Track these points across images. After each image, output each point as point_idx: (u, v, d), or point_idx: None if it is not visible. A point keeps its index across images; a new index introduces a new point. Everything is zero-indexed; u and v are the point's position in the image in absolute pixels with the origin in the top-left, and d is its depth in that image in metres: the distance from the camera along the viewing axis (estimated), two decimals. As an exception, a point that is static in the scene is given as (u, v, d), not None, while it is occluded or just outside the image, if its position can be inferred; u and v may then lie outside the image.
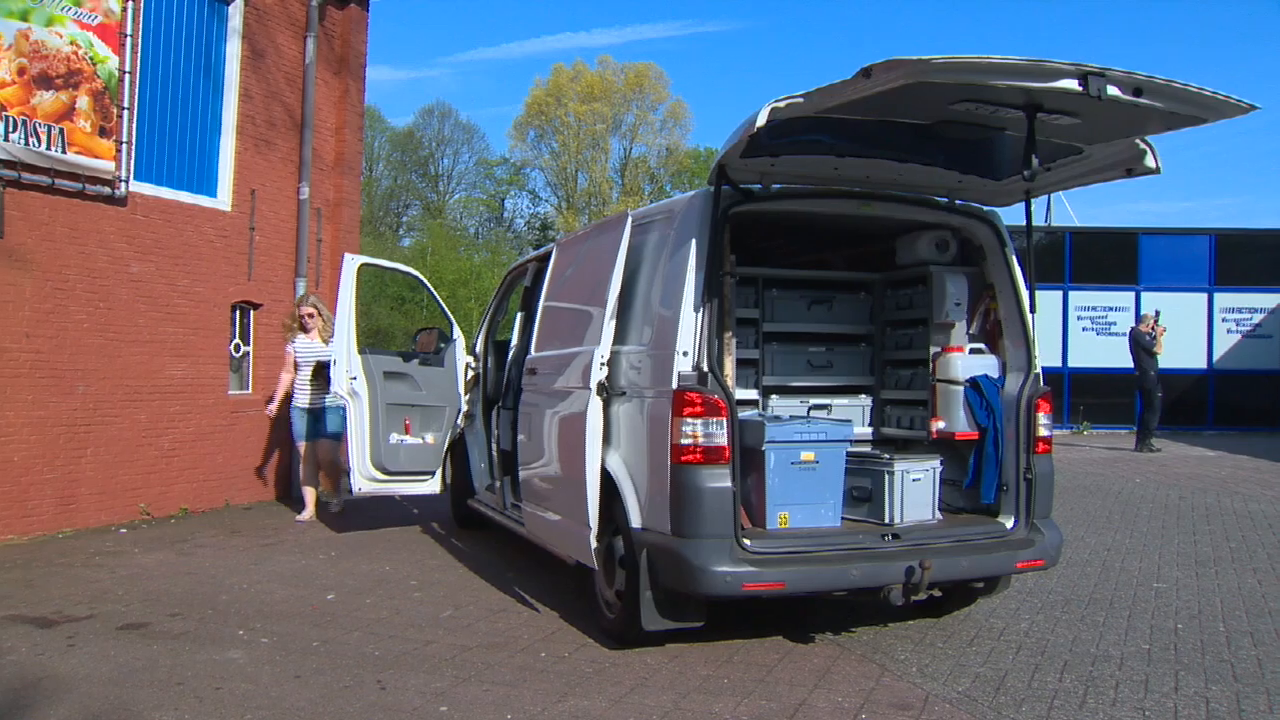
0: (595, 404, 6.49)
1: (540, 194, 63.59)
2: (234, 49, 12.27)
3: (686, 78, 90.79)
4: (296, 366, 11.33)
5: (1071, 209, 39.03)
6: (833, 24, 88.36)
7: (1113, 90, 5.20)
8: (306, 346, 11.29)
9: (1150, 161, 6.25)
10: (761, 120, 5.25)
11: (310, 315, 11.32)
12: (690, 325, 6.07)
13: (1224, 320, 23.63)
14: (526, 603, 7.71)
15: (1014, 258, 7.02)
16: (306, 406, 11.32)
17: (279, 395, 11.49)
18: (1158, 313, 19.97)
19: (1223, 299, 23.73)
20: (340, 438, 10.95)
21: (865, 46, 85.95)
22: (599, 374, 6.50)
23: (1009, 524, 6.72)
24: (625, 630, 6.47)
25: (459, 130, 65.34)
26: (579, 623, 7.10)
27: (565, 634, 6.90)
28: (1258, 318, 23.84)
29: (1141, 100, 5.31)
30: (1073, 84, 5.15)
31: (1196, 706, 5.63)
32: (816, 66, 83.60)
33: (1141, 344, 19.36)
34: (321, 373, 11.07)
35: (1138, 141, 6.16)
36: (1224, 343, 23.69)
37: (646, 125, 61.40)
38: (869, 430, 7.99)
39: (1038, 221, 28.61)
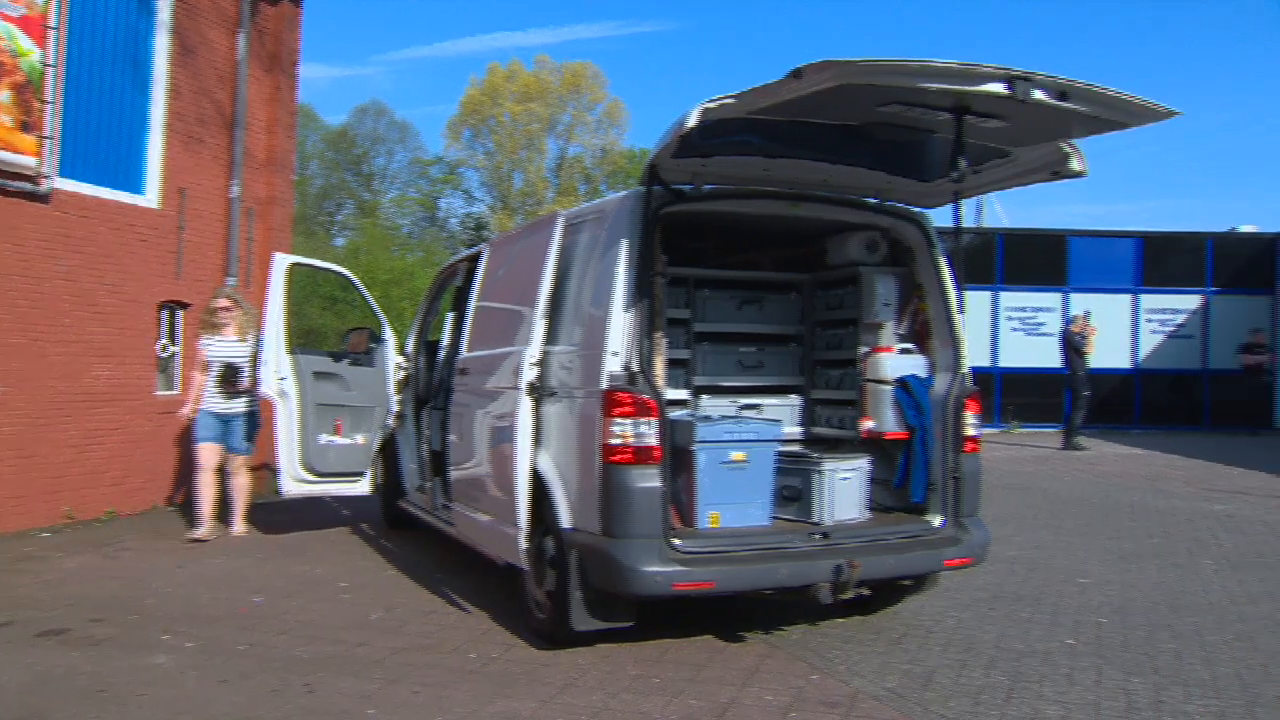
0: (526, 404, 6.48)
1: (475, 194, 63.23)
2: (163, 43, 12.08)
3: (624, 78, 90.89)
4: (207, 366, 10.36)
5: (1002, 211, 39.57)
6: (770, 24, 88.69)
7: (1038, 94, 5.30)
8: (220, 344, 10.40)
9: (1076, 164, 6.35)
10: (693, 121, 5.28)
11: (227, 308, 10.45)
12: (621, 325, 6.07)
13: (1149, 321, 24.02)
14: (457, 604, 7.67)
15: (942, 259, 7.07)
16: (218, 411, 10.37)
17: (192, 397, 10.49)
18: (1088, 313, 20.25)
19: (1148, 300, 24.14)
20: (250, 451, 10.60)
21: (801, 47, 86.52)
22: (530, 374, 6.49)
23: (937, 522, 6.78)
24: (555, 631, 6.46)
25: (393, 129, 64.94)
26: (509, 624, 7.06)
27: (495, 635, 6.87)
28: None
29: (1066, 104, 5.41)
30: (1000, 87, 5.23)
31: (1117, 699, 5.73)
32: (754, 66, 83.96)
33: (1073, 344, 19.64)
34: (234, 375, 10.30)
35: (1063, 145, 6.25)
36: (1149, 343, 24.09)
37: (583, 125, 61.30)
38: (799, 430, 8.04)
39: (969, 223, 29.04)
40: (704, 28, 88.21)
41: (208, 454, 10.34)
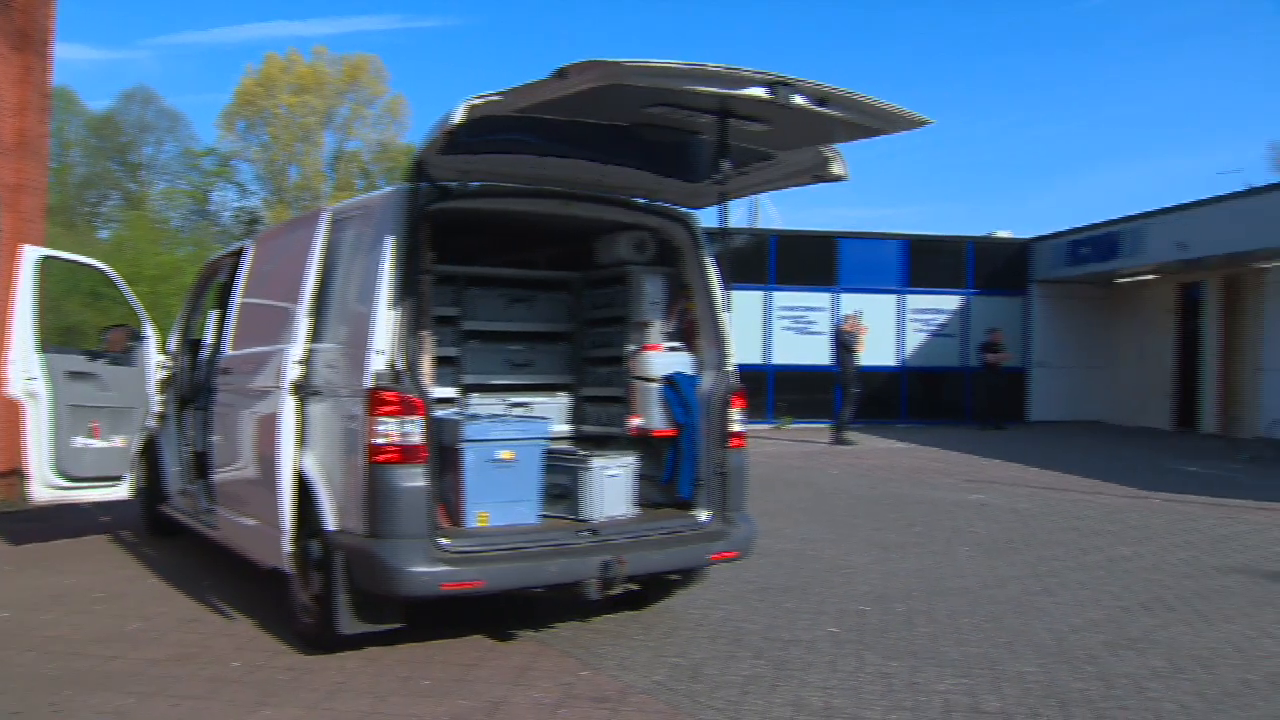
0: (290, 404, 6.34)
1: (249, 187, 61.28)
2: (-106, 18, 11.30)
3: (407, 72, 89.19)
4: None
5: (776, 212, 40.50)
6: (556, 22, 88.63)
7: (799, 99, 5.46)
8: None
9: (837, 168, 6.57)
10: (458, 117, 5.25)
11: None
12: (386, 323, 5.98)
13: (914, 320, 25.02)
14: (221, 611, 7.43)
15: (709, 259, 7.20)
16: None
17: None
18: (859, 313, 20.94)
19: (913, 300, 25.14)
20: None
21: (586, 45, 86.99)
22: (293, 373, 6.35)
23: (704, 518, 6.90)
24: (322, 635, 6.33)
25: (163, 117, 62.13)
26: (275, 630, 6.88)
27: (260, 642, 6.69)
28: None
29: (827, 110, 5.58)
30: (761, 91, 5.37)
31: (876, 682, 5.96)
32: (539, 64, 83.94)
33: (844, 342, 20.27)
34: None
35: (825, 149, 6.46)
36: (914, 341, 25.11)
37: (362, 119, 60.14)
38: (568, 428, 8.09)
39: (744, 224, 29.64)
40: (489, 24, 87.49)
41: None
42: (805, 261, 24.61)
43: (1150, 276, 23.76)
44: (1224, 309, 22.49)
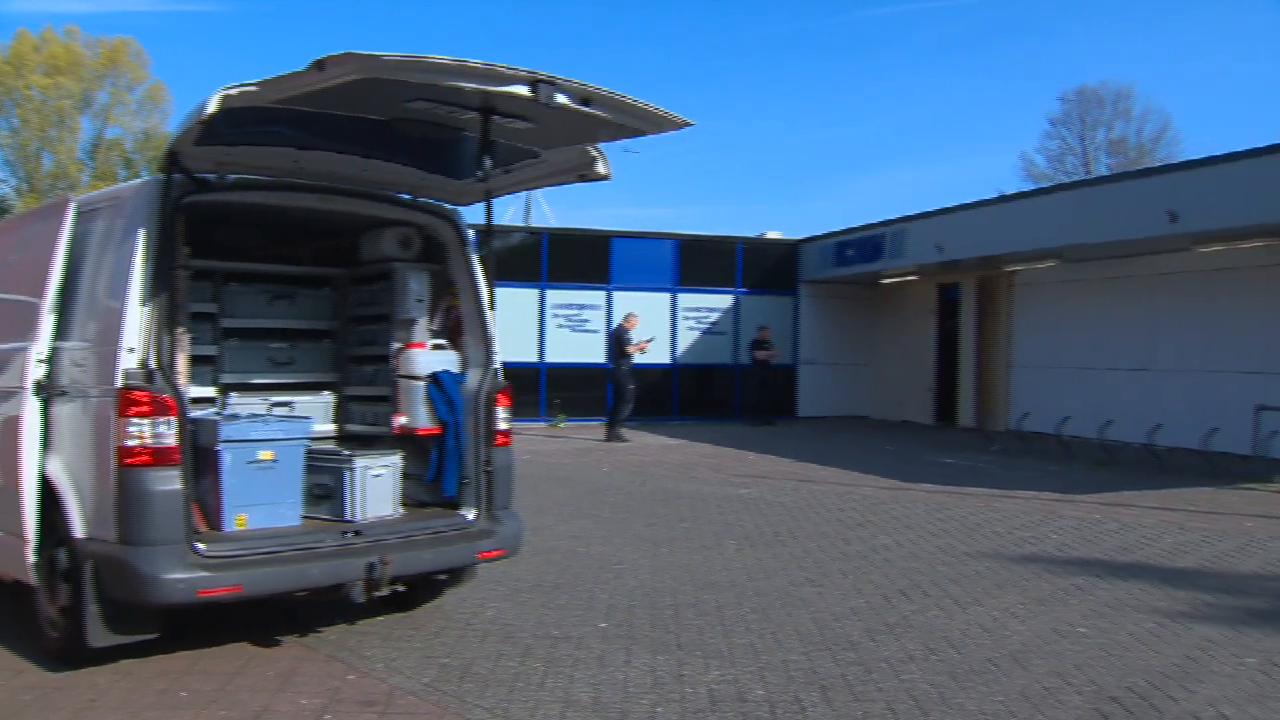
0: (33, 405, 6.04)
1: (-3, 173, 57.81)
2: None
3: (170, 59, 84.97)
4: None
5: (550, 211, 40.69)
6: (327, 11, 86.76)
7: (562, 98, 5.50)
8: None
9: (601, 168, 6.65)
10: (212, 107, 5.11)
11: None
12: (138, 320, 5.75)
13: (686, 318, 25.39)
14: (-47, 630, 6.99)
15: (474, 256, 7.17)
16: None
17: None
18: (630, 313, 21.14)
19: (685, 299, 25.52)
20: None
21: (357, 36, 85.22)
22: (37, 372, 6.05)
23: (470, 516, 6.88)
24: (70, 650, 6.02)
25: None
26: (19, 647, 6.47)
27: (2, 661, 6.30)
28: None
29: (590, 110, 5.62)
30: (523, 89, 5.39)
31: (644, 676, 6.04)
32: (309, 54, 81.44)
33: (622, 340, 20.44)
34: None
35: (590, 148, 6.50)
36: (686, 339, 25.49)
37: (123, 106, 57.44)
38: (332, 427, 7.97)
39: (518, 222, 29.63)
40: (256, 12, 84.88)
41: None
42: (578, 260, 24.72)
43: (912, 277, 24.72)
44: (979, 309, 23.60)
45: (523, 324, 23.59)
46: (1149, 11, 75.97)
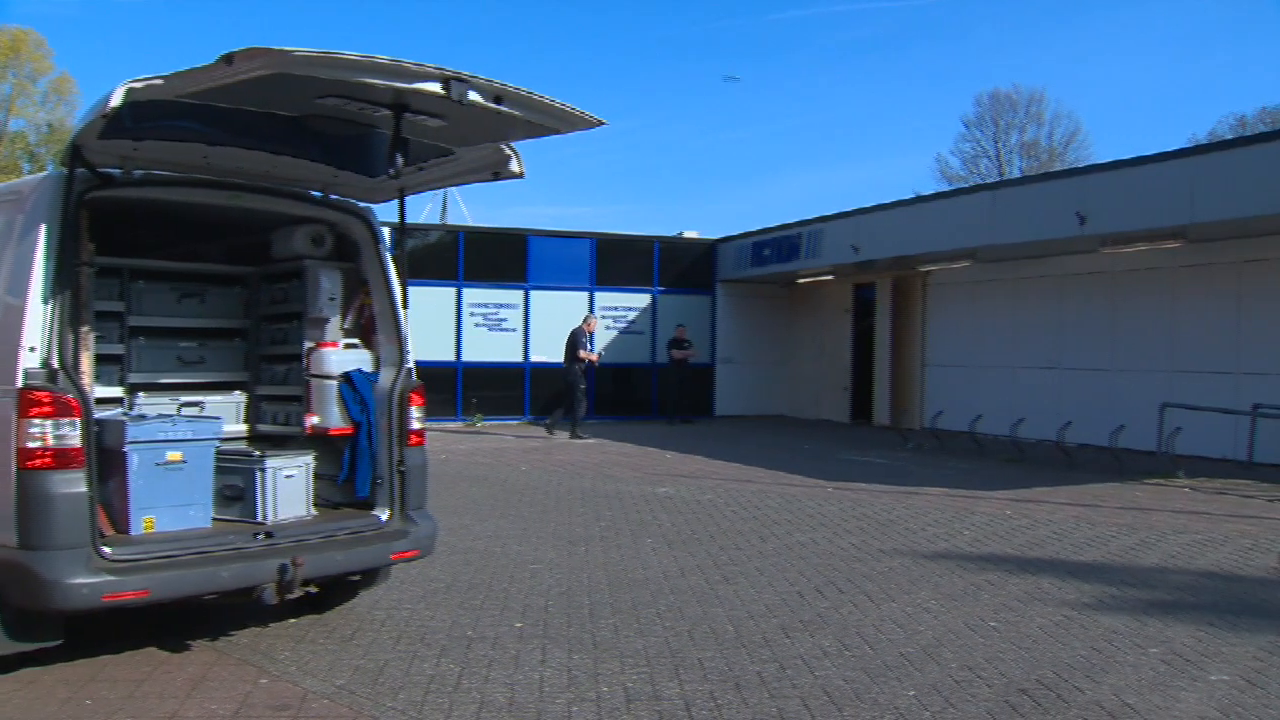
0: (-72, 406, 5.85)
1: (-113, 164, 56.23)
2: None
3: (74, 50, 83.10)
4: None
5: (467, 209, 40.49)
6: (244, 3, 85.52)
7: (474, 96, 5.48)
8: None
9: (515, 166, 6.65)
10: (116, 101, 4.99)
11: None
12: (40, 318, 5.60)
13: (603, 318, 25.31)
14: None
15: (387, 254, 7.11)
16: None
17: None
18: (589, 315, 21.20)
19: (602, 297, 25.53)
20: None
21: (273, 29, 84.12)
22: None
23: (383, 516, 6.82)
24: (-30, 659, 5.86)
25: None
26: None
27: (-107, 675, 6.12)
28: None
29: (502, 108, 5.60)
30: (435, 87, 5.36)
31: (560, 676, 6.02)
32: (225, 46, 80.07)
33: (577, 343, 20.52)
34: None
35: (503, 146, 6.48)
36: (603, 338, 25.40)
37: (26, 98, 56.27)
38: (243, 427, 7.85)
39: (434, 220, 29.43)
40: (166, 3, 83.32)
41: None
42: (495, 259, 24.64)
43: (828, 277, 24.91)
44: (894, 308, 23.89)
45: (439, 323, 23.47)
46: (1059, 17, 77.41)
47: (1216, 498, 12.94)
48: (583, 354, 20.68)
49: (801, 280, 25.96)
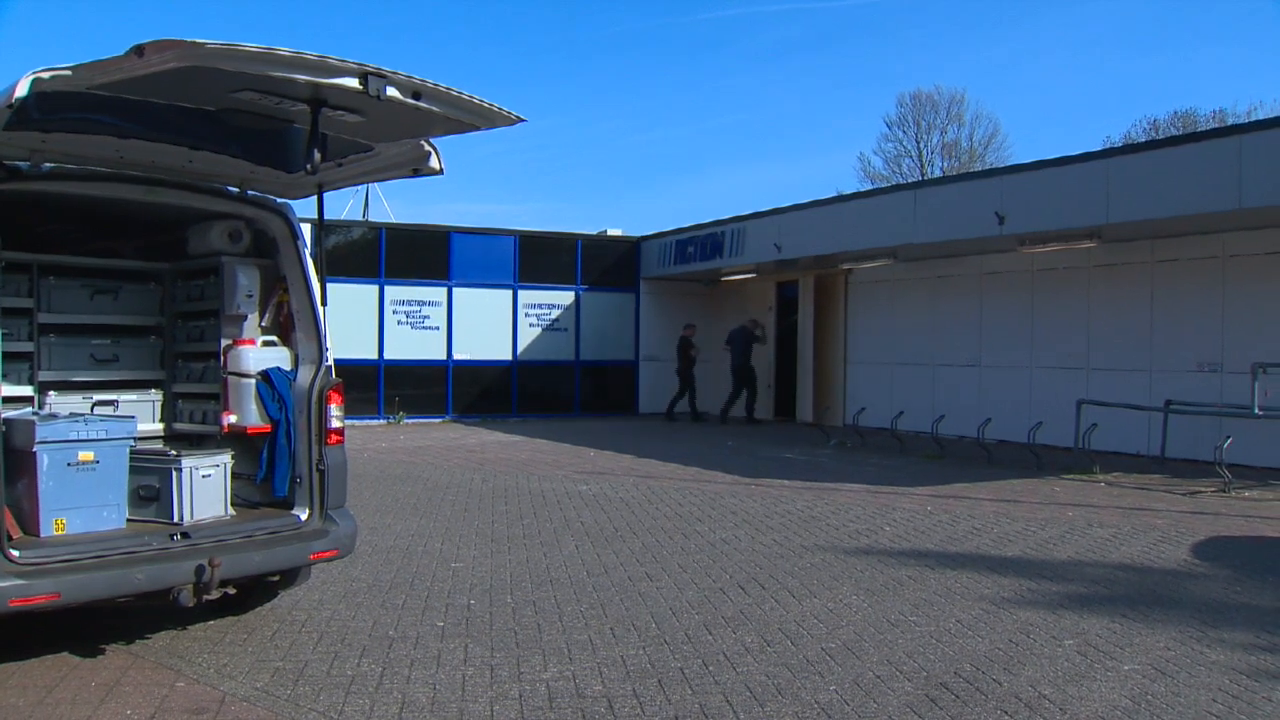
0: None
1: None
2: None
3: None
4: None
5: (389, 206, 40.16)
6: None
7: (392, 91, 5.44)
8: None
9: (434, 163, 6.62)
10: (22, 91, 4.88)
11: None
12: None
13: (526, 315, 25.28)
14: None
15: (305, 250, 7.03)
16: None
17: None
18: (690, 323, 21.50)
19: (525, 295, 25.42)
20: None
21: (193, 22, 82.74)
22: None
23: (302, 516, 6.76)
24: None
25: None
26: None
27: None
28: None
29: (421, 104, 5.56)
30: (353, 82, 5.32)
31: (483, 674, 6.01)
32: (146, 34, 78.80)
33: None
34: None
35: (423, 143, 6.44)
36: (527, 335, 25.38)
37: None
38: (159, 426, 7.74)
39: (356, 217, 29.17)
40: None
41: None
42: (417, 256, 24.46)
43: (751, 275, 25.00)
44: (817, 306, 24.06)
45: (362, 320, 23.24)
46: (979, 19, 78.28)
47: (1131, 492, 13.17)
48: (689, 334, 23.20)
49: (725, 278, 26.03)
